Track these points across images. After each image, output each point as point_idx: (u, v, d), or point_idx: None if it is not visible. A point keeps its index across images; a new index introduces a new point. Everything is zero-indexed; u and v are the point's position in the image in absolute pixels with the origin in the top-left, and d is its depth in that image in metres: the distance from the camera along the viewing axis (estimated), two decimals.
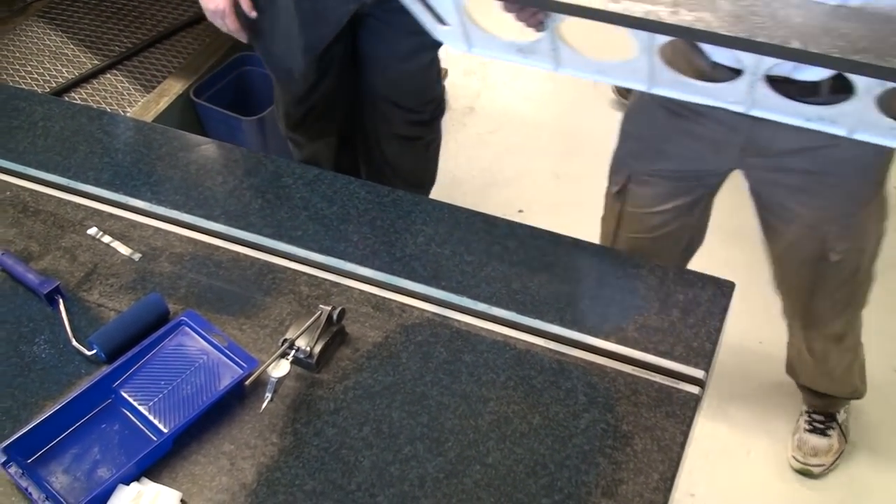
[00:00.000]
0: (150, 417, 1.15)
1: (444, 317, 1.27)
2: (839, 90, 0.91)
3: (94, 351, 1.21)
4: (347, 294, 1.30)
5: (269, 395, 1.14)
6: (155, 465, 1.10)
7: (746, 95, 1.02)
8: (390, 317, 1.27)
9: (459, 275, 1.32)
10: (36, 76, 2.42)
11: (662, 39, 0.97)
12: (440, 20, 1.09)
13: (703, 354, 1.21)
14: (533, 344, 1.24)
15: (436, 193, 2.38)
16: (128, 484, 1.07)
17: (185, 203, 1.44)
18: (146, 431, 1.14)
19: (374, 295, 1.30)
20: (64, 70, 2.44)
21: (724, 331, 1.25)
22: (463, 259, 1.34)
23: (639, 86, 1.06)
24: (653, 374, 1.20)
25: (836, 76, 0.99)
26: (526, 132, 2.95)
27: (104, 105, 2.34)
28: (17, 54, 2.49)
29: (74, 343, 1.23)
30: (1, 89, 1.68)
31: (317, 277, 1.33)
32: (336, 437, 1.13)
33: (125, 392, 1.18)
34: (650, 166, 1.55)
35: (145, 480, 1.09)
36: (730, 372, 2.17)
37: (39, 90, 2.36)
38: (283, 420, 1.15)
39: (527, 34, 1.09)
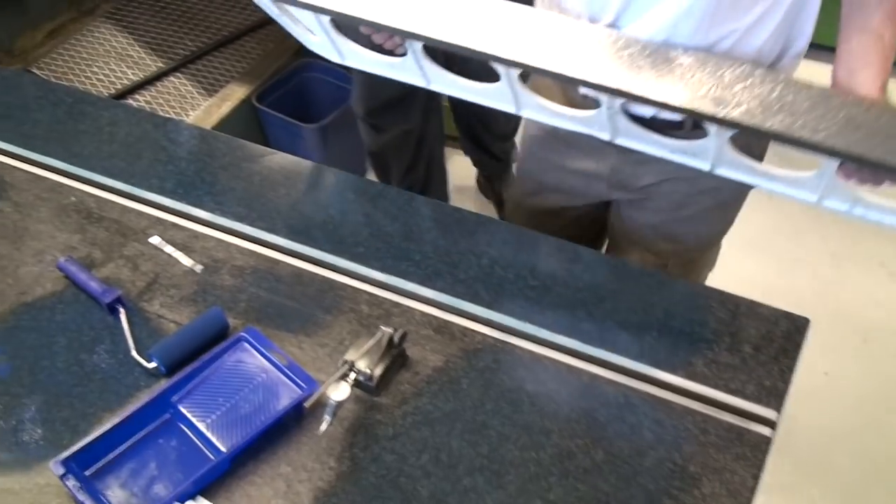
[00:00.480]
0: (208, 434, 1.14)
1: (507, 343, 1.25)
2: (700, 126, 0.95)
3: (155, 364, 1.20)
4: (408, 315, 1.28)
5: (327, 418, 1.12)
6: (211, 484, 1.09)
7: (609, 124, 1.05)
8: (452, 341, 1.25)
9: (523, 300, 1.29)
10: (101, 77, 2.43)
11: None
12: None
13: (776, 394, 1.17)
14: (597, 375, 1.21)
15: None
16: (184, 503, 1.06)
17: (247, 215, 1.42)
18: (204, 449, 1.13)
19: (436, 317, 1.28)
20: (129, 72, 2.45)
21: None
22: (527, 283, 1.32)
23: (508, 108, 1.09)
24: (722, 412, 1.16)
25: None
26: None
27: (167, 108, 2.35)
28: (84, 55, 2.51)
29: (135, 354, 1.23)
30: (68, 93, 1.68)
31: (378, 296, 1.31)
32: (394, 464, 1.11)
33: (184, 407, 1.17)
34: (536, 197, 1.60)
35: (201, 499, 1.07)
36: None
37: (105, 91, 2.38)
38: (341, 444, 1.13)
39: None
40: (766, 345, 1.22)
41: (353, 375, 1.16)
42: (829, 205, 1.06)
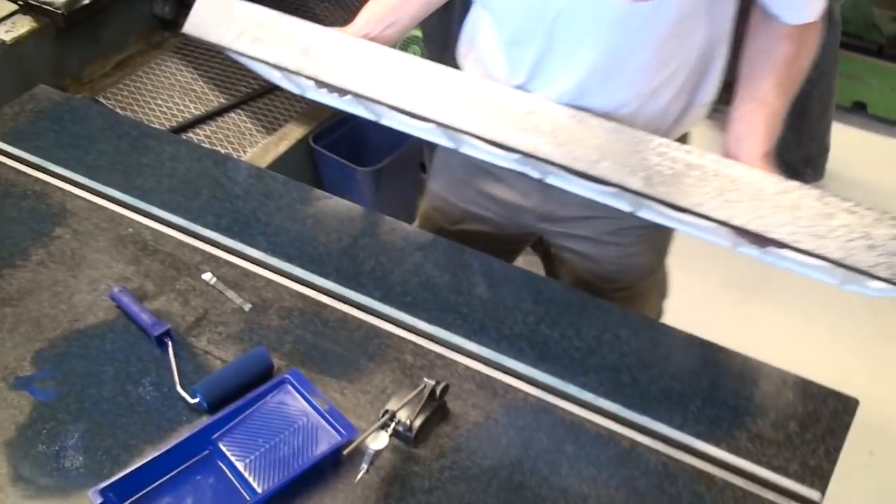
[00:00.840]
0: (246, 475, 1.15)
1: (548, 403, 1.24)
2: None
3: (198, 399, 1.22)
4: (452, 368, 1.28)
5: (364, 467, 1.12)
6: None
7: (539, 166, 1.16)
8: (493, 396, 1.25)
9: (567, 360, 1.29)
10: (165, 109, 2.49)
11: None
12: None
13: (821, 474, 1.15)
14: (638, 442, 1.19)
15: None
16: None
17: (298, 256, 1.44)
18: (240, 489, 1.13)
19: (479, 372, 1.28)
20: (192, 106, 2.50)
21: None
22: (572, 344, 1.31)
23: (449, 144, 1.24)
24: (765, 489, 1.14)
25: None
26: None
27: (226, 143, 2.39)
28: (150, 86, 2.57)
29: (179, 389, 1.24)
30: (133, 126, 1.72)
31: (422, 347, 1.31)
32: None
33: (223, 445, 1.17)
34: (461, 224, 1.62)
35: None
36: None
37: (167, 123, 2.43)
38: (377, 493, 1.13)
39: None
40: (812, 423, 1.20)
41: (392, 425, 1.16)
42: (743, 251, 1.19)
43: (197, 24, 1.40)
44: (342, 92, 1.28)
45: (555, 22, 1.21)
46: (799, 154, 2.91)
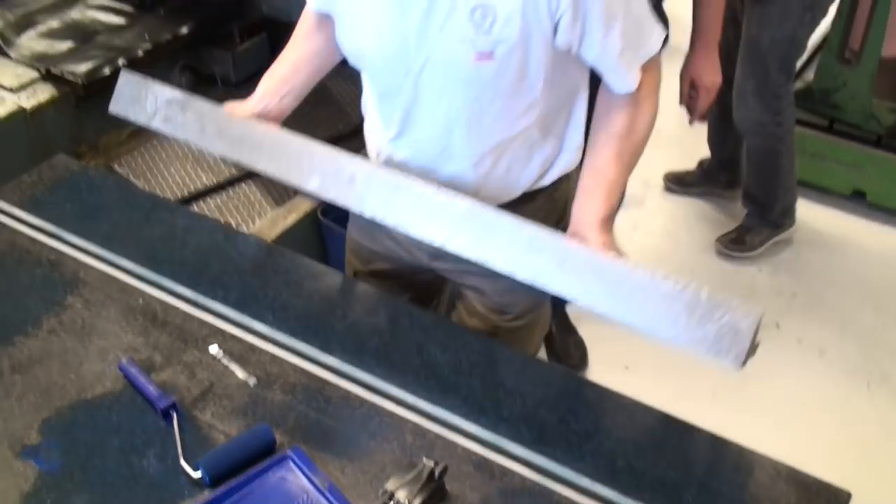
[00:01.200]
0: None
1: (545, 487, 1.26)
2: None
3: (200, 474, 1.24)
4: (451, 448, 1.30)
5: None
6: None
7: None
8: (491, 479, 1.26)
9: (565, 444, 1.31)
10: (177, 178, 2.54)
11: None
12: None
13: None
14: None
15: None
16: None
17: (303, 331, 1.47)
18: None
19: (477, 453, 1.30)
20: (203, 175, 2.56)
21: None
22: (570, 428, 1.33)
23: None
24: None
25: None
26: None
27: (235, 213, 2.44)
28: (163, 156, 2.63)
29: (182, 462, 1.26)
30: (148, 198, 1.77)
31: (422, 427, 1.33)
32: None
33: None
34: (371, 264, 1.74)
35: None
36: None
37: (178, 191, 2.48)
38: None
39: None
40: None
41: None
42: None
43: (118, 104, 1.66)
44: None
45: (419, 76, 1.41)
46: (778, 208, 3.10)
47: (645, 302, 1.26)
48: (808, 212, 3.37)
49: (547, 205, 1.62)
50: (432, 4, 1.34)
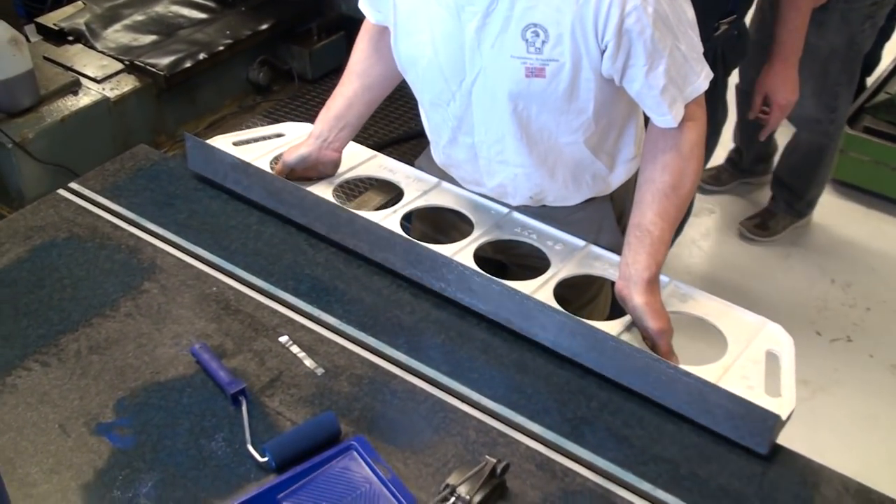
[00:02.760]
0: None
1: (606, 489, 1.26)
2: None
3: (267, 458, 1.26)
4: (513, 447, 1.31)
5: None
6: None
7: None
8: (552, 479, 1.27)
9: (628, 448, 1.31)
10: None
11: None
12: None
13: None
14: None
15: None
16: None
17: (372, 326, 1.49)
18: None
19: (540, 453, 1.30)
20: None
21: None
22: (634, 432, 1.33)
23: None
24: None
25: None
26: None
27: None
28: None
29: (249, 447, 1.29)
30: (225, 190, 1.80)
31: (486, 424, 1.34)
32: None
33: None
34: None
35: None
36: None
37: None
38: None
39: None
40: None
41: (452, 499, 1.19)
42: None
43: (195, 163, 1.82)
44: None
45: (472, 86, 1.48)
46: (807, 199, 3.22)
47: (671, 389, 1.35)
48: (886, 226, 3.31)
49: (605, 205, 1.66)
50: (487, 20, 1.38)
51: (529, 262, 1.64)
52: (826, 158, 3.06)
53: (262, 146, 1.87)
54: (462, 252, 1.58)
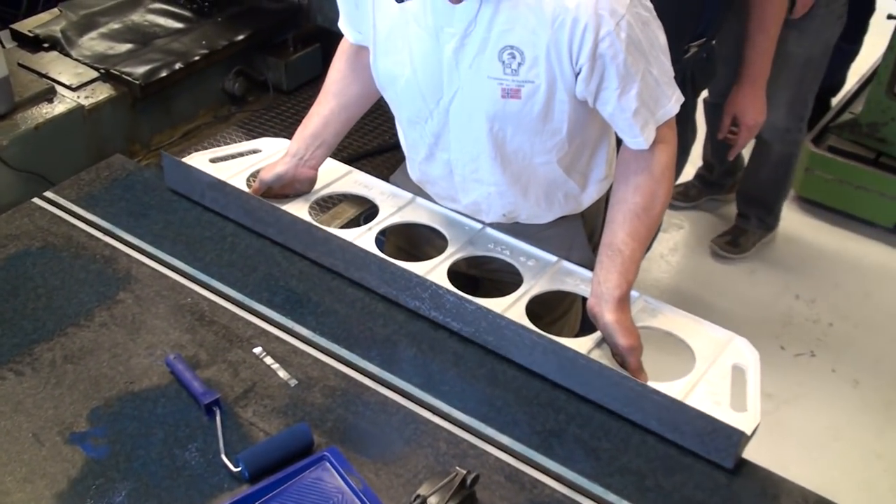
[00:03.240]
0: None
1: (574, 501, 1.28)
2: None
3: (240, 469, 1.28)
4: (483, 458, 1.33)
5: None
6: None
7: None
8: (521, 490, 1.29)
9: (594, 460, 1.34)
10: None
11: None
12: None
13: None
14: None
15: None
16: None
17: (345, 338, 1.51)
18: None
19: (509, 464, 1.33)
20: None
21: None
22: (601, 444, 1.36)
23: None
24: None
25: None
26: None
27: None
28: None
29: (223, 457, 1.30)
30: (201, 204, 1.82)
31: (456, 436, 1.37)
32: None
33: None
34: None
35: None
36: None
37: None
38: None
39: None
40: None
41: None
42: None
43: (172, 181, 1.84)
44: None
45: (449, 105, 1.51)
46: (776, 211, 3.32)
47: (639, 406, 1.38)
48: (849, 243, 3.37)
49: (576, 223, 1.69)
50: (465, 41, 1.42)
51: (502, 276, 1.67)
52: (794, 167, 3.14)
53: (239, 163, 1.89)
54: (436, 270, 1.60)
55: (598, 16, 1.33)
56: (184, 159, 1.82)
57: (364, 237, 1.67)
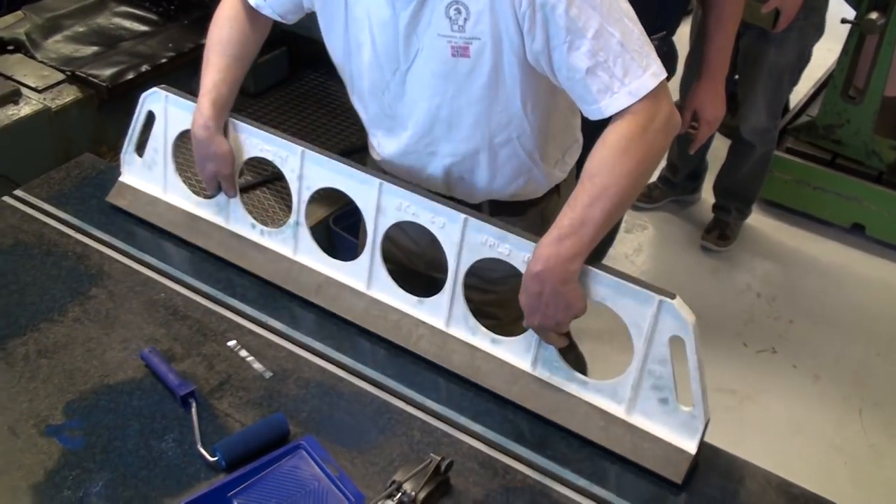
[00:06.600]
0: None
1: (546, 486, 1.31)
2: None
3: (217, 458, 1.29)
4: (457, 446, 1.36)
5: None
6: None
7: None
8: (494, 476, 1.32)
9: (566, 447, 1.37)
10: (192, 183, 2.60)
11: None
12: None
13: None
14: None
15: None
16: None
17: (319, 331, 1.53)
18: None
19: (482, 452, 1.36)
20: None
21: None
22: (571, 432, 1.39)
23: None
24: None
25: None
26: None
27: (252, 217, 2.50)
28: (180, 160, 2.69)
29: (200, 447, 1.32)
30: None
31: (430, 425, 1.39)
32: None
33: (238, 503, 1.25)
34: None
35: None
36: None
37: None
38: None
39: None
40: None
41: (398, 496, 1.24)
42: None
43: (115, 199, 1.81)
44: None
45: (406, 73, 1.48)
46: (754, 202, 3.43)
47: (586, 427, 1.39)
48: (808, 242, 3.45)
49: (537, 220, 1.68)
50: (421, 4, 1.40)
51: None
52: (770, 160, 3.28)
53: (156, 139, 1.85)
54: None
55: None
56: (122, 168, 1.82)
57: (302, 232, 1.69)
